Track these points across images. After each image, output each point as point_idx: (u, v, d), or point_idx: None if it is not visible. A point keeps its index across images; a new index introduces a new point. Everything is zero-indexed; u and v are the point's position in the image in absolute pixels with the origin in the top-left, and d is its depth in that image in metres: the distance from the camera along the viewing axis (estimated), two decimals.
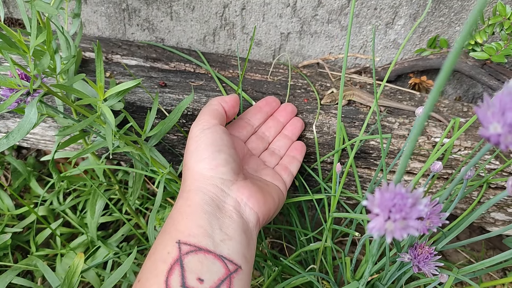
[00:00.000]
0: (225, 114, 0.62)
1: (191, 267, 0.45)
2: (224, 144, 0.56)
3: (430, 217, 0.38)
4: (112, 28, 0.84)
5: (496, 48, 0.66)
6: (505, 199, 0.77)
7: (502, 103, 0.26)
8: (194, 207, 0.50)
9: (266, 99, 0.72)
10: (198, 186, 0.52)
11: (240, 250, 0.49)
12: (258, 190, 0.56)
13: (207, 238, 0.47)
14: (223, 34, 0.83)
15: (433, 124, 0.75)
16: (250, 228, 0.53)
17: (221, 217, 0.51)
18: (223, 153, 0.55)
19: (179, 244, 0.46)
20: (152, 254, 0.48)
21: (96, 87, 0.54)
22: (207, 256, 0.46)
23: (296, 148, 0.70)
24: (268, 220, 0.59)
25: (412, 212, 0.28)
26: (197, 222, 0.49)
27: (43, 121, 0.76)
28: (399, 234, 0.28)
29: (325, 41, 0.82)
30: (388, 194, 0.28)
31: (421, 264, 0.46)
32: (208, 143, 0.55)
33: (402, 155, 0.28)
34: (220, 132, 0.57)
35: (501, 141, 0.26)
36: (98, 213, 0.74)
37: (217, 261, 0.46)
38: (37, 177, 0.98)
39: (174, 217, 0.51)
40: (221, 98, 0.63)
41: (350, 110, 0.75)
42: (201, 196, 0.51)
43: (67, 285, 0.59)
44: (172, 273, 0.44)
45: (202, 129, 0.57)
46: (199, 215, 0.49)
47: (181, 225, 0.49)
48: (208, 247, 0.47)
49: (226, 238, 0.49)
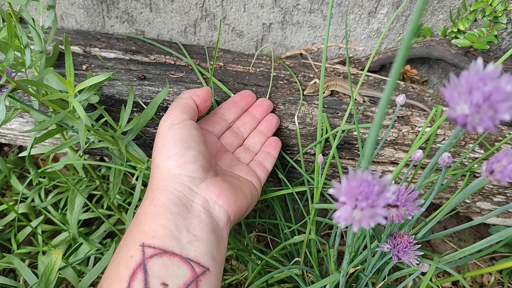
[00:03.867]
0: (197, 108, 0.60)
1: (155, 271, 0.43)
2: (193, 140, 0.54)
3: (405, 205, 0.37)
4: (90, 20, 0.82)
5: (479, 35, 0.65)
6: (490, 188, 0.76)
7: (469, 82, 0.25)
8: (160, 207, 0.48)
9: (241, 93, 0.70)
10: (164, 185, 0.50)
11: (209, 251, 0.48)
12: (229, 187, 0.54)
13: (172, 240, 0.46)
14: (204, 25, 0.81)
15: (417, 114, 0.74)
16: (220, 227, 0.52)
17: (189, 217, 0.49)
18: (192, 150, 0.53)
19: (142, 247, 0.44)
20: (115, 258, 0.46)
21: (65, 82, 0.52)
22: (173, 259, 0.44)
23: (271, 144, 0.69)
24: (240, 218, 0.58)
25: (379, 199, 0.27)
26: (162, 223, 0.47)
27: (21, 117, 0.74)
28: (366, 222, 0.27)
29: (308, 31, 0.81)
30: (354, 181, 0.27)
31: (400, 253, 0.45)
32: (176, 139, 0.53)
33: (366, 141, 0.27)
34: (190, 128, 0.55)
35: (468, 122, 0.25)
36: (78, 209, 0.73)
37: (183, 264, 0.45)
38: (19, 175, 0.96)
39: (138, 218, 0.49)
40: (192, 91, 0.60)
41: (333, 101, 0.74)
42: (167, 196, 0.49)
43: (44, 282, 0.58)
44: (135, 279, 0.42)
45: (171, 124, 0.54)
46: (165, 215, 0.47)
47: (145, 227, 0.47)
48: (173, 249, 0.45)
49: (194, 239, 0.47)
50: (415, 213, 0.37)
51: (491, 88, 0.24)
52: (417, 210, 0.37)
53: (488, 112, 0.24)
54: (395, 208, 0.37)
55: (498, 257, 0.93)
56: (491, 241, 0.39)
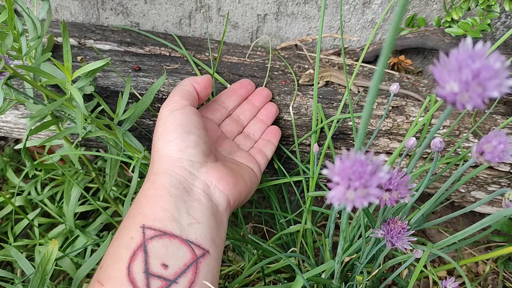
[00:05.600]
0: (197, 96, 0.60)
1: (155, 252, 0.43)
2: (194, 126, 0.54)
3: (398, 188, 0.37)
4: (85, 13, 0.82)
5: (472, 24, 0.65)
6: (485, 177, 0.77)
7: (459, 60, 0.25)
8: (160, 190, 0.49)
9: (241, 82, 0.70)
10: (165, 168, 0.51)
11: (209, 234, 0.48)
12: (229, 173, 0.55)
13: (173, 222, 0.46)
14: (199, 17, 0.81)
15: (412, 104, 0.74)
16: (220, 212, 0.52)
17: (189, 200, 0.49)
18: (193, 135, 0.53)
19: (143, 228, 0.45)
20: (115, 240, 0.47)
21: (63, 68, 0.52)
22: (173, 241, 0.45)
23: (271, 132, 0.69)
24: (240, 203, 0.58)
25: (372, 179, 0.28)
26: (163, 205, 0.47)
27: (16, 109, 0.74)
28: (359, 202, 0.27)
29: (303, 22, 0.81)
30: (348, 162, 0.27)
31: (394, 239, 0.45)
32: (177, 124, 0.53)
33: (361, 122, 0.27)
34: (190, 113, 0.55)
35: (458, 100, 0.25)
36: (74, 201, 0.73)
37: (183, 245, 0.45)
38: (15, 168, 0.96)
39: (139, 201, 0.49)
40: (193, 79, 0.61)
41: (328, 91, 0.74)
42: (168, 179, 0.50)
43: (41, 272, 0.58)
44: (135, 259, 0.42)
45: (171, 110, 0.55)
46: (165, 198, 0.48)
47: (146, 209, 0.47)
48: (174, 231, 0.45)
49: (194, 222, 0.47)
50: (407, 196, 0.37)
51: (479, 65, 0.24)
52: (410, 194, 0.37)
53: (477, 90, 0.25)
54: (388, 192, 0.37)
55: (493, 247, 0.94)
56: (483, 224, 0.39)
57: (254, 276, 0.75)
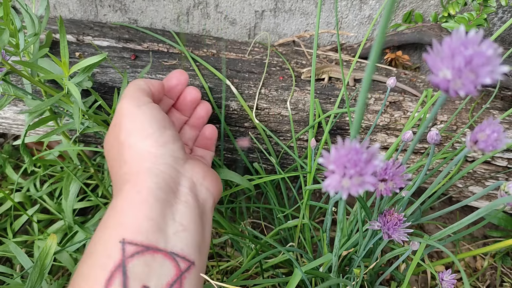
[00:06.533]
0: (153, 97, 0.54)
1: (136, 272, 0.38)
2: (166, 121, 0.50)
3: (393, 179, 0.37)
4: (83, 10, 0.82)
5: (468, 19, 0.66)
6: (482, 172, 0.77)
7: (451, 48, 0.25)
8: (145, 193, 0.43)
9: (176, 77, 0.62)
10: (148, 166, 0.45)
11: (195, 241, 0.44)
12: (209, 168, 0.52)
13: (157, 233, 0.41)
14: (197, 13, 0.81)
15: (409, 99, 0.74)
16: (206, 211, 0.48)
17: (176, 203, 0.44)
18: (169, 130, 0.49)
19: (123, 244, 0.39)
20: (90, 255, 0.41)
21: (60, 63, 0.52)
22: (156, 257, 0.40)
23: (206, 138, 0.63)
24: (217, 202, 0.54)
25: (367, 167, 0.28)
26: (147, 213, 0.42)
27: (14, 105, 0.74)
28: (355, 190, 0.28)
29: (300, 18, 0.81)
30: (343, 150, 0.28)
31: (390, 231, 0.46)
32: (150, 119, 0.48)
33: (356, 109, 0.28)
34: (158, 109, 0.51)
35: (450, 87, 0.25)
36: (73, 197, 0.73)
37: (167, 260, 0.40)
38: (14, 165, 0.96)
39: (119, 207, 0.43)
40: (147, 80, 0.55)
41: (326, 87, 0.74)
42: (153, 179, 0.44)
43: (39, 266, 0.58)
44: (112, 283, 0.37)
45: (137, 105, 0.49)
46: (151, 204, 0.42)
47: (127, 218, 0.41)
48: (158, 244, 0.40)
49: (180, 229, 0.43)
50: (403, 187, 0.37)
51: (472, 52, 0.24)
52: (405, 184, 0.38)
53: (469, 76, 0.25)
54: (383, 182, 0.38)
55: (491, 242, 0.94)
56: (478, 214, 0.40)
57: (252, 271, 0.75)
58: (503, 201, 0.34)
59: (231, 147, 0.78)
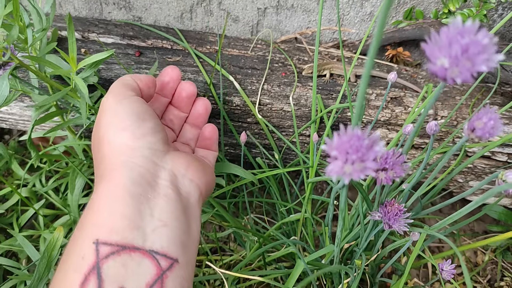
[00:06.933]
0: (140, 93, 0.52)
1: (112, 274, 0.36)
2: (147, 113, 0.48)
3: (393, 168, 0.38)
4: (88, 7, 0.84)
5: (468, 15, 0.67)
6: (483, 167, 0.78)
7: (449, 37, 0.26)
8: (118, 189, 0.41)
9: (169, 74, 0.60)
10: (123, 160, 0.43)
11: (178, 237, 0.41)
12: (195, 159, 0.49)
13: (134, 231, 0.39)
14: (200, 11, 0.82)
15: (410, 95, 0.75)
16: (191, 205, 0.45)
17: (154, 198, 0.42)
18: (148, 122, 0.47)
19: (96, 245, 0.37)
20: (65, 260, 0.39)
21: (68, 58, 0.53)
22: (133, 256, 0.37)
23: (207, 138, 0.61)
24: (210, 192, 0.51)
25: (369, 153, 0.29)
26: (121, 211, 0.39)
27: (21, 101, 0.76)
28: (356, 175, 0.29)
29: (302, 15, 0.82)
30: (345, 137, 0.29)
31: (391, 221, 0.47)
32: (129, 112, 0.46)
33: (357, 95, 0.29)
34: (140, 102, 0.49)
35: (448, 75, 0.26)
36: (78, 191, 0.74)
37: (146, 259, 0.38)
38: (20, 161, 0.97)
39: (93, 206, 0.41)
40: (135, 76, 0.53)
41: (328, 83, 0.75)
42: (127, 174, 0.42)
43: (47, 258, 0.59)
44: (87, 286, 0.35)
45: (118, 100, 0.47)
46: (125, 200, 0.40)
47: (101, 217, 0.39)
48: (135, 242, 0.38)
49: (160, 225, 0.40)
50: (402, 175, 0.38)
51: (468, 41, 0.25)
52: (405, 173, 0.38)
53: (466, 64, 0.26)
54: (384, 171, 0.39)
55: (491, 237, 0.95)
56: (477, 203, 0.41)
57: (255, 265, 0.76)
58: (500, 189, 0.35)
59: (234, 142, 0.79)
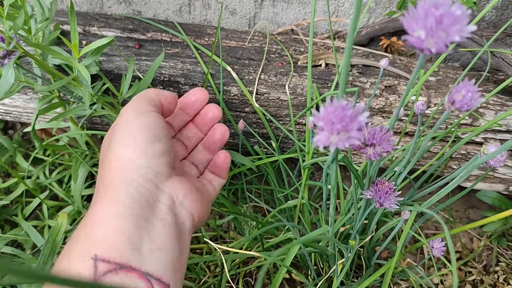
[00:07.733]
0: (161, 108, 0.53)
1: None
2: (162, 133, 0.48)
3: (380, 143, 0.40)
4: (89, 2, 0.86)
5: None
6: (476, 153, 0.79)
7: (424, 9, 0.28)
8: (119, 205, 0.41)
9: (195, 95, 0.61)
10: (124, 177, 0.43)
11: (171, 262, 0.41)
12: (195, 187, 0.49)
13: (131, 250, 0.38)
14: (198, 4, 0.84)
15: (404, 83, 0.77)
16: (184, 232, 0.45)
17: (152, 220, 0.42)
18: (160, 142, 0.47)
19: (95, 261, 0.36)
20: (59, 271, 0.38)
21: (71, 45, 0.55)
22: (130, 276, 0.37)
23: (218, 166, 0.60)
24: (200, 224, 0.51)
25: (353, 123, 0.30)
26: (121, 227, 0.39)
27: (24, 93, 0.78)
28: (342, 144, 0.30)
29: (298, 7, 0.84)
30: (331, 108, 0.30)
31: (382, 199, 0.48)
32: (144, 128, 0.46)
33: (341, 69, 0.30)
34: (159, 119, 0.49)
35: (424, 46, 0.28)
36: (81, 181, 0.76)
37: (141, 281, 0.37)
38: (24, 154, 0.99)
39: (91, 220, 0.41)
40: (159, 91, 0.54)
41: (323, 72, 0.77)
42: (128, 191, 0.42)
43: (51, 243, 0.61)
44: None
45: (137, 112, 0.48)
46: (125, 217, 0.40)
47: (99, 232, 0.39)
48: (131, 262, 0.38)
49: (155, 248, 0.40)
50: (390, 151, 0.40)
51: (442, 12, 0.27)
52: (392, 149, 0.40)
53: (441, 35, 0.28)
54: (372, 147, 0.40)
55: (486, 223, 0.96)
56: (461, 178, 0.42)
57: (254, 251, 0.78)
58: (481, 161, 0.37)
59: (232, 132, 0.81)
